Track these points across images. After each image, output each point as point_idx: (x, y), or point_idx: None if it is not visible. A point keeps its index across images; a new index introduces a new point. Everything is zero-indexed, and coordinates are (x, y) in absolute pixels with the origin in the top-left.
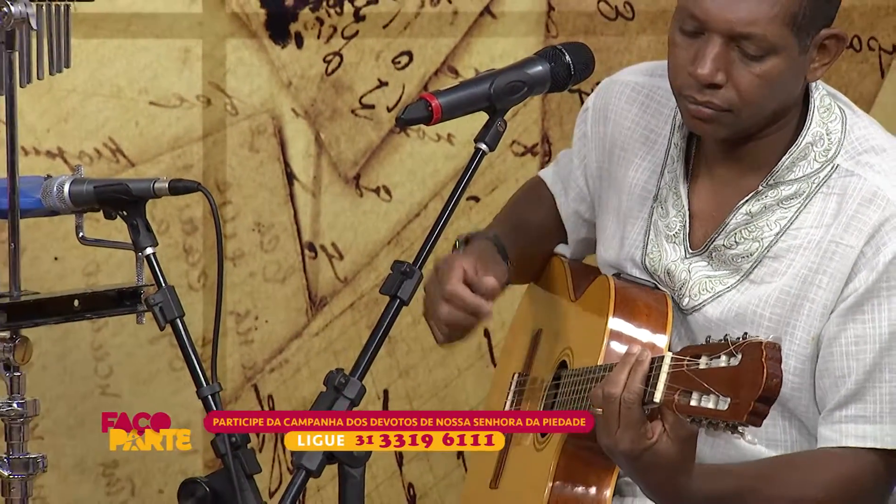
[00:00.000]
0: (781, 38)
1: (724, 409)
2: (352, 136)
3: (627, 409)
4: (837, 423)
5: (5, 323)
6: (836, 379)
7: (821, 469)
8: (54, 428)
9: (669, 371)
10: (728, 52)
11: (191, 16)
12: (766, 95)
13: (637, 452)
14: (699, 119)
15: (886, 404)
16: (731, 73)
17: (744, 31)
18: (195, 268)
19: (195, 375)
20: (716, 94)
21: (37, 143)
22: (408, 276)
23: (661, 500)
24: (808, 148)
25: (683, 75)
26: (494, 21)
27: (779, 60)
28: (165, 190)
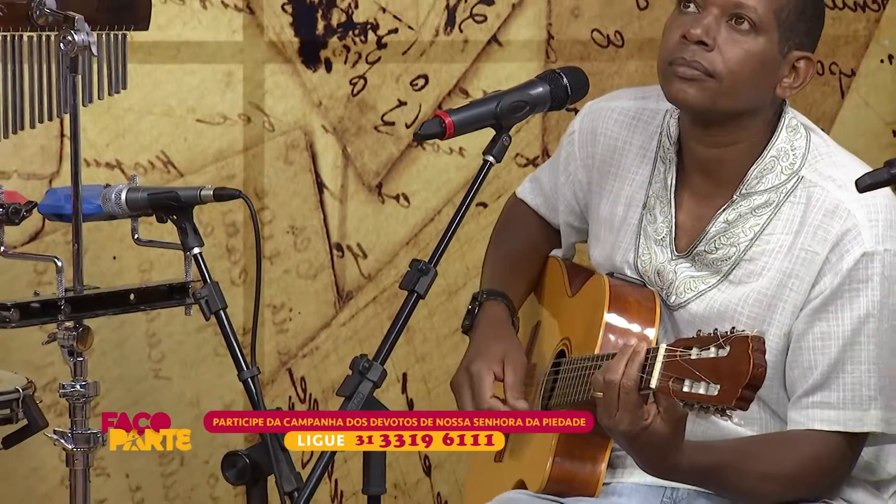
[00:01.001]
0: (767, 23)
1: (714, 394)
2: (374, 149)
3: (626, 394)
4: (805, 409)
5: (70, 314)
6: (805, 370)
7: (792, 448)
8: (112, 406)
9: (664, 360)
10: (720, 24)
11: (233, 44)
12: (745, 72)
13: (635, 432)
14: (684, 79)
15: (849, 392)
16: (720, 41)
17: (738, 2)
18: (236, 266)
19: (236, 361)
20: (704, 55)
21: (97, 155)
22: (424, 273)
23: (654, 473)
24: (774, 161)
25: (674, 42)
26: (500, 48)
27: (761, 42)
28: (210, 197)
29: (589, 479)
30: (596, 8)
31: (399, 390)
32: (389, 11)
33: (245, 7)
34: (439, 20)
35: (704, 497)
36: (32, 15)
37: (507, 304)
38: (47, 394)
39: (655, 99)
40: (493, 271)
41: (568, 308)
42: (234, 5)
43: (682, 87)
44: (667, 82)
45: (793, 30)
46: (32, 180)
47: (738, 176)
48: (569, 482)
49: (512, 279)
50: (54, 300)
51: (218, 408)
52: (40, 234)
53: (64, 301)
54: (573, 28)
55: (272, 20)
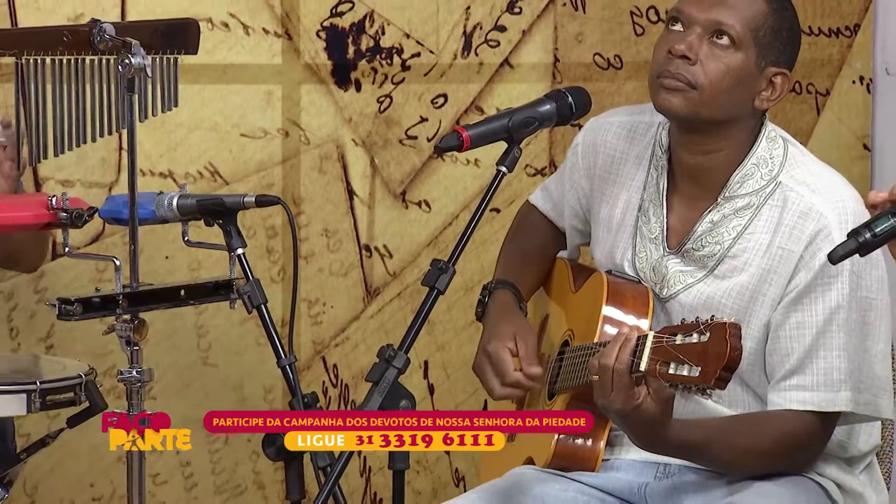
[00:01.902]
0: (745, 40)
1: (696, 375)
2: (399, 160)
3: (619, 377)
4: (783, 391)
5: (127, 308)
6: (782, 357)
7: (771, 426)
8: (165, 390)
9: (652, 346)
10: (703, 40)
11: (272, 66)
12: (724, 84)
13: (627, 410)
14: (669, 89)
15: (821, 376)
16: (702, 56)
17: (719, 20)
18: (276, 265)
19: (276, 349)
20: (687, 68)
21: (151, 166)
22: (443, 271)
23: (646, 448)
24: (755, 168)
25: (662, 57)
26: (512, 70)
27: (739, 58)
28: (252, 203)
29: (589, 455)
30: (597, 34)
31: (421, 376)
32: (413, 37)
33: (283, 33)
34: (457, 45)
35: (693, 472)
36: (94, 40)
37: (514, 292)
38: (107, 379)
39: (649, 114)
40: (504, 266)
41: (572, 302)
42: (273, 31)
43: (668, 97)
44: (654, 93)
45: (769, 48)
46: (94, 188)
47: (721, 181)
48: (571, 458)
49: (521, 273)
50: (113, 295)
51: (259, 391)
52: (101, 236)
53: (121, 296)
54: (577, 52)
55: (308, 45)
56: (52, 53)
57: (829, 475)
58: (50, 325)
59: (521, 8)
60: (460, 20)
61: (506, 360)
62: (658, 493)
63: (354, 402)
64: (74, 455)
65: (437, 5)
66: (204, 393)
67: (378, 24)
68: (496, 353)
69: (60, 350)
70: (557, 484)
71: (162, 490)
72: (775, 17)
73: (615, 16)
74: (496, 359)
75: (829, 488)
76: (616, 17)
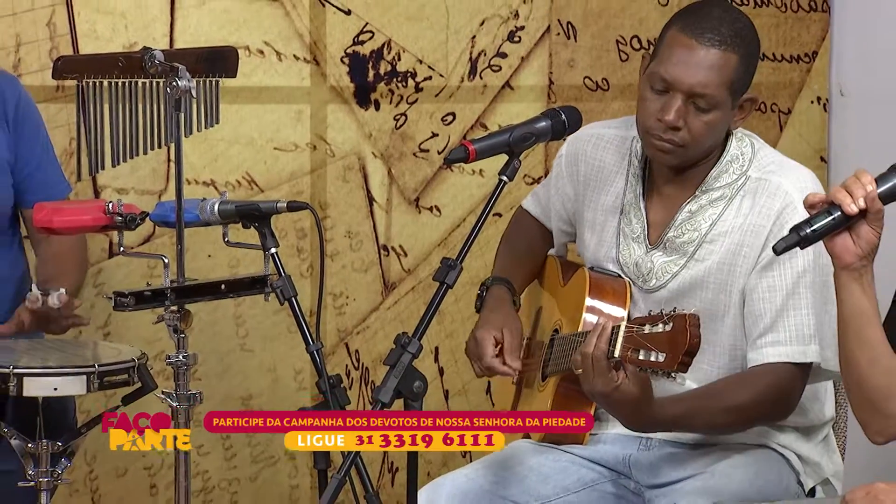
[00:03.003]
0: (722, 98)
1: (662, 361)
2: (413, 171)
3: (597, 363)
4: (759, 348)
5: (174, 300)
6: (756, 317)
7: (749, 382)
8: (207, 373)
9: (624, 335)
10: (686, 106)
11: (302, 88)
12: (709, 137)
13: (608, 392)
14: (662, 151)
15: (793, 332)
16: (688, 121)
17: (700, 92)
18: (305, 262)
19: (305, 337)
20: (676, 134)
21: (196, 175)
22: (452, 268)
23: (634, 428)
24: (728, 164)
25: (653, 120)
26: (512, 91)
27: (719, 113)
28: (284, 208)
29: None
30: (587, 60)
31: (432, 360)
32: (425, 63)
33: (312, 59)
34: (464, 70)
35: (672, 445)
36: (145, 66)
37: (508, 288)
38: (156, 363)
39: (625, 128)
40: (500, 264)
41: (560, 295)
42: (303, 58)
43: (660, 154)
44: (647, 146)
45: (741, 87)
46: (145, 195)
47: (699, 179)
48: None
49: (514, 270)
50: (162, 289)
51: (290, 373)
52: (151, 237)
53: (169, 290)
54: (569, 76)
55: (333, 70)
56: (108, 77)
57: (790, 446)
58: (107, 316)
59: (520, 37)
60: (466, 48)
61: (486, 347)
62: (641, 463)
63: (374, 383)
64: None
65: (446, 35)
66: (242, 375)
67: (394, 52)
68: (481, 339)
69: (116, 337)
70: (551, 455)
71: (205, 460)
72: (744, 62)
73: (603, 44)
74: (480, 344)
75: (790, 458)
76: (603, 46)
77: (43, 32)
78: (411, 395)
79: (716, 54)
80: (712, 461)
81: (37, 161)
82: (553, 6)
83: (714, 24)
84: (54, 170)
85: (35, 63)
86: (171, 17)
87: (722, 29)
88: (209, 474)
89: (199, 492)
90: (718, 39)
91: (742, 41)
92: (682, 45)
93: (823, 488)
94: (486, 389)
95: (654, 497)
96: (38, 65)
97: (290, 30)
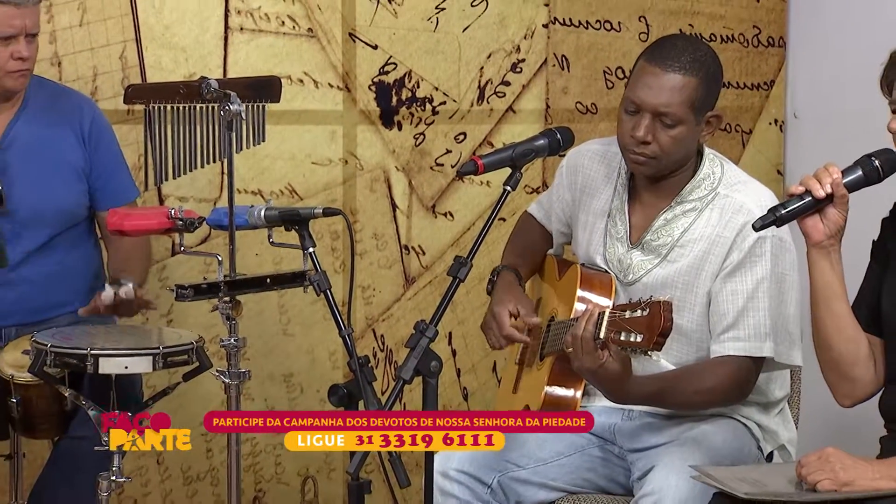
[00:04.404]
0: (686, 115)
1: (640, 341)
2: (430, 182)
3: (585, 343)
4: (722, 343)
5: (227, 292)
6: (720, 316)
7: (713, 370)
8: (255, 354)
9: (608, 319)
10: (654, 123)
11: (336, 112)
12: (676, 149)
13: (594, 369)
14: (637, 163)
15: (751, 330)
16: (656, 136)
17: (664, 111)
18: (338, 260)
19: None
20: (647, 147)
21: (245, 186)
22: (463, 265)
23: (616, 400)
24: (701, 181)
25: (627, 137)
26: (514, 114)
27: (684, 128)
28: (320, 214)
29: (570, 402)
30: (578, 88)
31: (446, 343)
32: (440, 90)
33: (344, 87)
34: (473, 96)
35: (651, 416)
36: (202, 92)
37: (515, 274)
38: (212, 345)
39: (615, 144)
40: (508, 257)
41: (557, 287)
42: (336, 86)
43: (636, 166)
44: (626, 159)
45: (704, 106)
46: (202, 202)
47: (674, 191)
48: (556, 404)
49: (520, 262)
50: (216, 283)
51: (325, 354)
52: (207, 238)
53: (223, 283)
54: (563, 101)
55: (362, 96)
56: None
57: (751, 418)
58: (170, 305)
59: (522, 68)
60: (476, 77)
61: (504, 318)
62: (624, 431)
63: (397, 363)
64: (187, 401)
65: (458, 66)
66: (284, 356)
67: (414, 80)
68: (498, 313)
69: (177, 324)
70: None
71: None
72: (705, 83)
73: (591, 74)
74: (498, 317)
75: (751, 427)
76: (592, 75)
77: (116, 64)
78: (428, 373)
79: (677, 78)
80: (685, 429)
81: (109, 171)
82: (549, 42)
83: (676, 54)
84: (125, 178)
85: (109, 90)
86: (224, 51)
87: (682, 57)
88: (256, 440)
89: (248, 455)
90: (678, 65)
91: (701, 66)
92: (648, 72)
93: (780, 453)
94: (492, 368)
95: (635, 460)
96: (112, 92)
97: (326, 62)
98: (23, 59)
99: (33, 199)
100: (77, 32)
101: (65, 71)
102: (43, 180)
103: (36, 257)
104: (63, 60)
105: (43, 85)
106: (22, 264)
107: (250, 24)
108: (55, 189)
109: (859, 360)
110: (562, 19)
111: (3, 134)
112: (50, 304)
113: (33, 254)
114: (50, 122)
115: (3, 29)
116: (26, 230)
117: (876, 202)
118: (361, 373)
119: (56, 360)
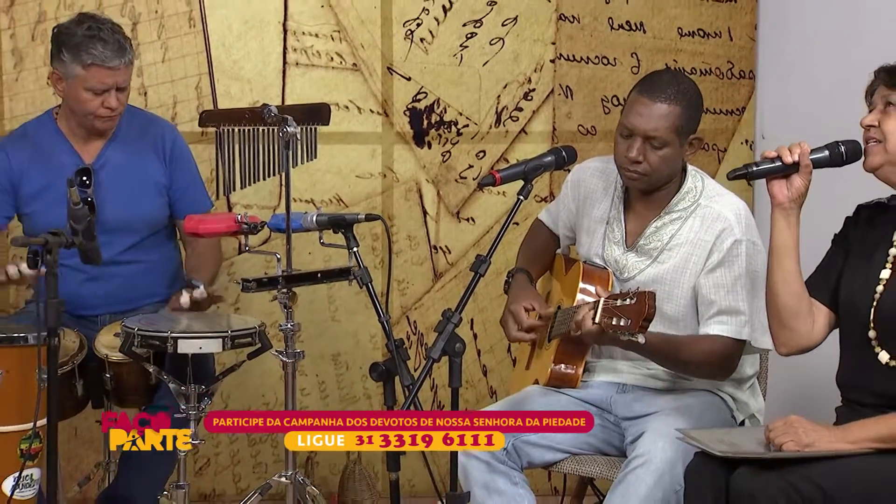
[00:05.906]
0: (672, 138)
1: (628, 325)
2: (455, 192)
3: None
4: (709, 325)
5: (285, 285)
6: (706, 306)
7: (703, 343)
8: (308, 337)
9: (602, 307)
10: (645, 145)
11: (376, 133)
12: (664, 167)
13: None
14: (630, 179)
15: (733, 316)
16: (647, 156)
17: (653, 135)
18: (377, 258)
19: (377, 311)
20: (639, 166)
21: (300, 195)
22: (483, 262)
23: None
24: (685, 195)
25: (622, 157)
26: (526, 135)
27: (670, 150)
28: (363, 219)
29: (573, 377)
30: (580, 113)
31: (468, 328)
32: (463, 115)
33: (383, 112)
34: (492, 120)
35: (642, 390)
36: (264, 117)
37: (528, 275)
38: (272, 329)
39: (613, 162)
40: (522, 259)
41: (563, 281)
42: (377, 112)
43: (629, 182)
44: (621, 176)
45: (687, 130)
46: (264, 209)
47: (663, 203)
48: (561, 379)
49: (532, 264)
50: (276, 277)
51: (367, 337)
52: (268, 240)
53: (281, 277)
54: (567, 124)
55: (398, 120)
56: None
57: (727, 392)
58: (237, 296)
59: (532, 96)
60: (494, 104)
61: (522, 314)
62: (620, 402)
63: (427, 345)
64: (252, 376)
65: (479, 95)
66: (332, 338)
67: (442, 107)
68: (516, 310)
69: (243, 311)
70: (553, 396)
71: (306, 398)
72: (688, 111)
73: (591, 101)
74: (516, 313)
75: (726, 399)
76: (592, 102)
77: (192, 94)
78: (454, 353)
79: (663, 107)
80: (672, 401)
81: (186, 185)
82: (556, 74)
83: (663, 86)
84: (200, 191)
85: (187, 115)
86: (283, 82)
87: (668, 89)
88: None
89: None
90: (665, 97)
91: (684, 96)
92: (639, 102)
93: (750, 421)
94: (507, 349)
95: (628, 426)
96: (189, 117)
97: (367, 92)
98: (111, 109)
99: (122, 211)
100: (160, 67)
101: (150, 99)
102: (130, 195)
103: (125, 257)
104: (148, 90)
105: (133, 114)
106: (113, 263)
107: (304, 59)
108: (140, 202)
109: (800, 313)
110: (566, 55)
111: (97, 156)
112: (137, 296)
113: (122, 254)
114: (137, 146)
115: (97, 86)
116: (117, 236)
117: (843, 208)
118: (397, 352)
119: (142, 341)
